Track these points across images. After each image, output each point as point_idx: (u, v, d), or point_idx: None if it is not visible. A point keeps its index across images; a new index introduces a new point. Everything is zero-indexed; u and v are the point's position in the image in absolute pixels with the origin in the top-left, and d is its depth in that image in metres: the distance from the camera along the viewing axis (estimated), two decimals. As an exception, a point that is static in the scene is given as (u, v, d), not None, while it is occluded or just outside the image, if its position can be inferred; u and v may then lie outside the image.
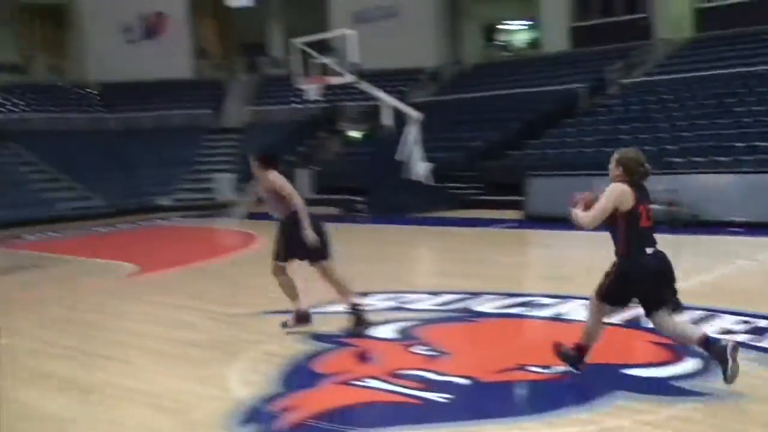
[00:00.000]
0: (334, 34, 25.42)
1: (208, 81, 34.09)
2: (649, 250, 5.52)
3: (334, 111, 30.18)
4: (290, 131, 29.34)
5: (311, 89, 22.89)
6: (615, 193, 5.49)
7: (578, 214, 5.60)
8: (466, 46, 34.05)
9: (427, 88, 31.46)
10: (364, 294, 8.56)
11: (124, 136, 29.85)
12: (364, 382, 6.03)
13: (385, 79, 30.87)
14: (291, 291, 7.72)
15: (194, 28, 34.57)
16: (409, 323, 7.92)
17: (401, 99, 25.44)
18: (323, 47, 24.54)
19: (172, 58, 32.79)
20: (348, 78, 22.14)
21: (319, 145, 29.90)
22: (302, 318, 7.68)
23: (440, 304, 8.87)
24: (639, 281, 5.51)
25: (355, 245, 14.96)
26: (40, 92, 31.70)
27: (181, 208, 25.70)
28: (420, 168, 22.26)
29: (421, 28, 32.16)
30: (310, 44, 22.79)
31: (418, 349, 6.91)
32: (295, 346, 7.14)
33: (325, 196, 24.81)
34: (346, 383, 6.06)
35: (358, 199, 22.16)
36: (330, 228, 7.93)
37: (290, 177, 7.98)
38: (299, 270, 7.80)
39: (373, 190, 21.93)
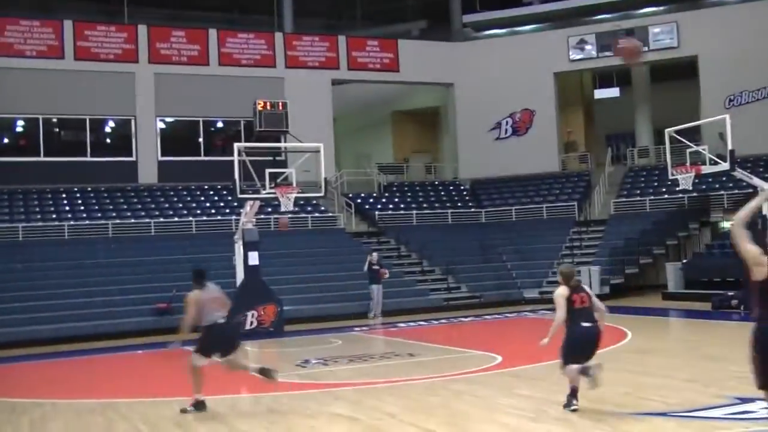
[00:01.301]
0: (708, 121, 24.40)
1: (573, 173, 34.24)
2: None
3: (704, 200, 28.76)
4: (657, 222, 28.38)
5: (684, 178, 22.01)
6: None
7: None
8: None
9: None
10: (748, 400, 7.88)
11: (491, 229, 30.77)
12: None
13: (762, 165, 29.01)
14: None
15: (561, 122, 35.07)
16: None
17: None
18: (693, 134, 23.64)
19: (538, 153, 33.43)
20: (722, 165, 20.98)
21: (688, 237, 28.56)
22: None
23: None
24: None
25: (731, 344, 13.90)
26: (416, 190, 33.87)
27: (546, 301, 25.67)
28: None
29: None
30: (680, 132, 22.04)
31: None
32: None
33: (696, 291, 23.56)
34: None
35: (732, 294, 20.70)
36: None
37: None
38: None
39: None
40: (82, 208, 28.25)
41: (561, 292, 8.67)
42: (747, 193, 25.05)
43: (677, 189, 25.39)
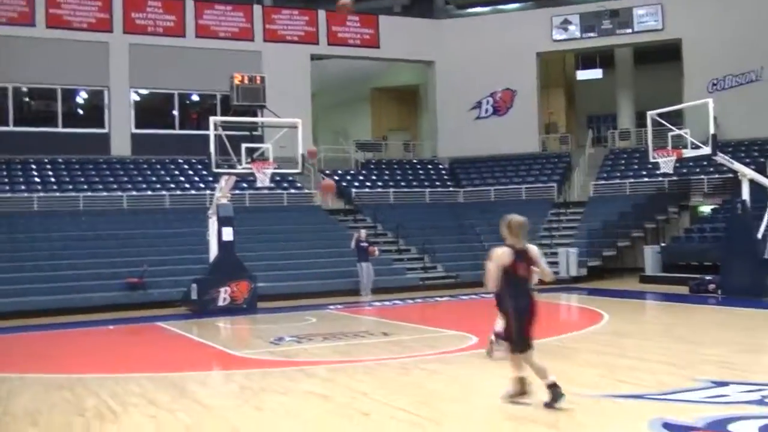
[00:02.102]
0: (690, 104, 24.23)
1: (553, 154, 34.07)
2: None
3: (684, 184, 28.68)
4: (636, 205, 28.28)
5: (664, 162, 21.80)
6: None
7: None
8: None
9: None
10: (722, 384, 7.70)
11: (469, 209, 30.55)
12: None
13: (744, 149, 28.98)
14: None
15: (542, 103, 34.84)
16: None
17: (762, 171, 23.46)
18: (675, 117, 23.46)
19: (518, 133, 33.23)
20: (703, 150, 20.80)
21: (667, 221, 28.49)
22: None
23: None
24: None
25: (707, 328, 13.85)
26: (394, 168, 33.58)
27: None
28: (782, 246, 20.19)
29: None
30: (662, 115, 21.84)
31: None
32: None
33: (673, 275, 23.53)
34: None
35: (709, 278, 20.65)
36: None
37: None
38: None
39: (727, 270, 20.23)
40: (53, 179, 27.73)
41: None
42: (727, 177, 25.03)
43: (658, 172, 25.26)
